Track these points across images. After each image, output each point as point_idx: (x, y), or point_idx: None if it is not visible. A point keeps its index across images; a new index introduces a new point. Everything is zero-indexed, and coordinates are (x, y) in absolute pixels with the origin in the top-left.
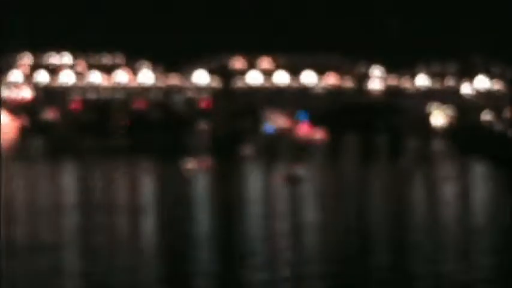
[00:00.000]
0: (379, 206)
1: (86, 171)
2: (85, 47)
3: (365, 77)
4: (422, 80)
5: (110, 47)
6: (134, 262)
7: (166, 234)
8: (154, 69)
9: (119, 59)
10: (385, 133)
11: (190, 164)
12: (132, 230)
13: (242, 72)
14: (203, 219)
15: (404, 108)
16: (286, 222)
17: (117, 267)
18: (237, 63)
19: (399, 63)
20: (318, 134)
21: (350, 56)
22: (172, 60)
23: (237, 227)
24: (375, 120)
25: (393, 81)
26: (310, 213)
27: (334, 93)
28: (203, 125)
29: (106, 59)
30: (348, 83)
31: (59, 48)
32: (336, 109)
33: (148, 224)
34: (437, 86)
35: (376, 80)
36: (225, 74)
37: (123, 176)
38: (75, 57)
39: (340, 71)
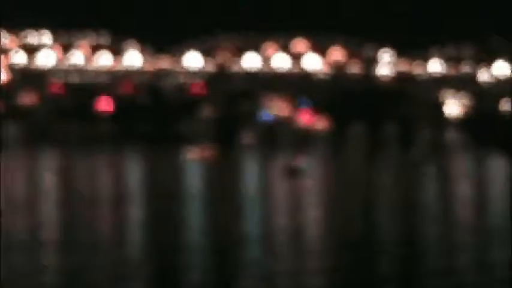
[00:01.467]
0: (386, 207)
1: (66, 161)
2: (67, 26)
3: (373, 61)
4: (435, 65)
5: (93, 26)
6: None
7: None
8: (142, 51)
9: (103, 39)
10: (394, 123)
11: (192, 154)
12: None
13: (238, 55)
14: (194, 215)
15: (416, 96)
16: (281, 221)
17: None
18: (233, 45)
19: (410, 47)
20: (321, 123)
21: (356, 37)
22: (161, 41)
23: (233, 226)
24: (383, 109)
25: (403, 66)
26: (309, 212)
27: (338, 78)
28: (201, 112)
29: (89, 39)
30: (354, 68)
31: (37, 27)
32: (340, 96)
33: (131, 222)
34: (452, 71)
35: (385, 64)
36: (220, 56)
37: (107, 168)
38: (55, 36)
39: (345, 54)
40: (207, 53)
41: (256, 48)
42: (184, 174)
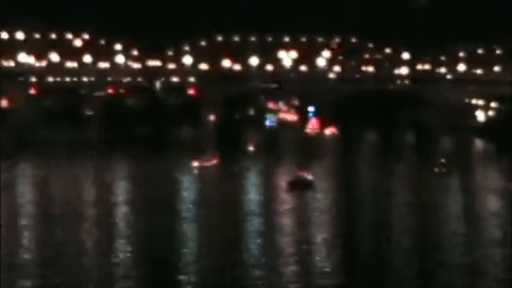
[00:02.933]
0: (406, 228)
1: (48, 171)
2: (49, 23)
3: (388, 61)
4: (458, 66)
5: (77, 23)
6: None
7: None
8: (132, 49)
9: (90, 36)
10: (411, 129)
11: (196, 162)
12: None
13: (238, 54)
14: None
15: (436, 99)
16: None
17: None
18: (232, 42)
19: (430, 45)
20: (329, 129)
21: (370, 36)
22: (153, 39)
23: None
24: (398, 113)
25: (422, 66)
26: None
27: (350, 80)
28: (199, 116)
29: (75, 37)
30: (368, 68)
31: (18, 23)
32: (351, 99)
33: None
34: (477, 72)
35: (402, 64)
36: (215, 55)
37: (92, 180)
38: (37, 34)
39: (358, 54)
40: (204, 53)
41: (259, 47)
42: (180, 187)
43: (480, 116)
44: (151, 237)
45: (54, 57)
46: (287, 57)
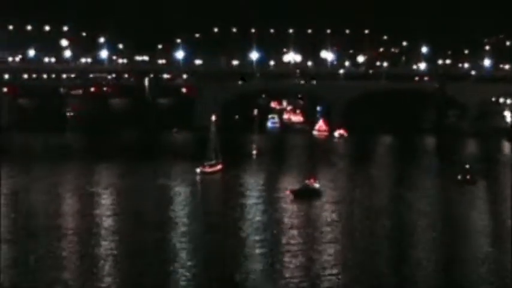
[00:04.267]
0: (425, 245)
1: (25, 182)
2: (27, 16)
3: (406, 56)
4: (485, 61)
5: (56, 15)
6: None
7: None
8: (118, 43)
9: (70, 30)
10: (431, 131)
11: (199, 168)
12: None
13: (237, 50)
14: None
15: (458, 98)
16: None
17: None
18: (231, 37)
19: (451, 38)
20: (338, 131)
21: (387, 30)
22: (143, 34)
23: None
24: (417, 114)
25: (443, 61)
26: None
27: (362, 77)
28: (195, 118)
29: (54, 31)
30: (383, 65)
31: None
32: (364, 98)
33: None
34: (505, 68)
35: (422, 60)
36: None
37: (73, 191)
38: (14, 28)
39: (373, 50)
40: (200, 50)
41: (262, 43)
42: (172, 198)
43: (508, 116)
44: (137, 258)
45: (31, 52)
46: (292, 52)
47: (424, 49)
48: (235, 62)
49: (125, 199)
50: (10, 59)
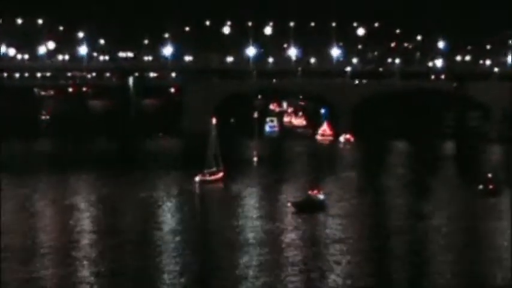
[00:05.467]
0: (444, 265)
1: None
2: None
3: (421, 52)
4: (508, 58)
5: (30, 7)
6: None
7: None
8: (100, 39)
9: (45, 24)
10: (449, 136)
11: (198, 177)
12: None
13: (232, 45)
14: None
15: (479, 99)
16: None
17: None
18: (226, 31)
19: (471, 32)
20: (344, 136)
21: (399, 23)
22: (127, 28)
23: None
24: (434, 117)
25: (462, 57)
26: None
27: (372, 75)
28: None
29: (27, 25)
30: (395, 62)
31: None
32: (374, 100)
33: None
34: None
35: (439, 56)
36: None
37: (47, 204)
38: None
39: (384, 45)
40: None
41: (259, 38)
42: (158, 212)
43: None
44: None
45: (2, 48)
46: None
47: (441, 44)
48: (229, 59)
49: (104, 216)
50: None
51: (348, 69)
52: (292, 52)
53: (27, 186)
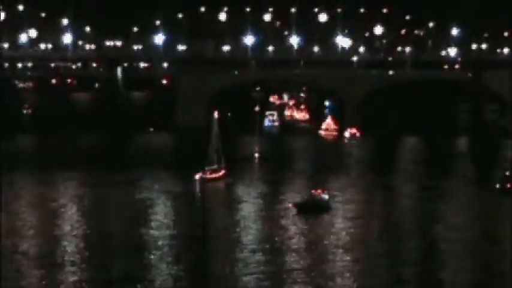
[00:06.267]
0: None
1: None
2: None
3: (433, 40)
4: None
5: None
6: None
7: None
8: (85, 27)
9: (26, 10)
10: (464, 131)
11: (199, 175)
12: None
13: (229, 33)
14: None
15: (497, 91)
16: None
17: None
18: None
19: (489, 19)
20: (350, 130)
21: (410, 8)
22: (115, 15)
23: None
24: (448, 110)
25: (478, 46)
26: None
27: (381, 65)
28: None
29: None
30: (406, 51)
31: None
32: (383, 91)
33: None
34: None
35: (453, 44)
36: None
37: (28, 205)
38: None
39: (393, 32)
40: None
41: (258, 25)
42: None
43: None
44: None
45: None
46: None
47: (455, 31)
48: (225, 48)
49: (94, 219)
50: None
51: (355, 58)
52: (294, 40)
53: (7, 186)
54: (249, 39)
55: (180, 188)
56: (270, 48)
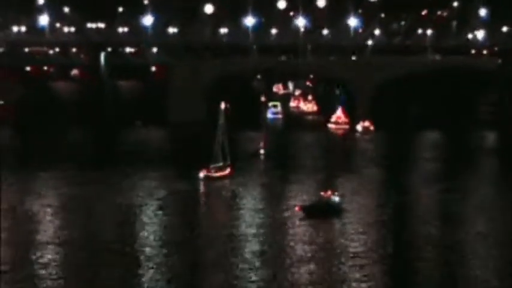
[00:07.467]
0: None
1: None
2: None
3: (458, 22)
4: None
5: None
6: None
7: None
8: (64, 7)
9: None
10: (493, 124)
11: (203, 173)
12: None
13: (227, 14)
14: None
15: None
16: None
17: None
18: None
19: None
20: (362, 124)
21: None
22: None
23: None
24: (474, 101)
25: (507, 28)
26: None
27: (398, 51)
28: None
29: None
30: (426, 34)
31: None
32: (400, 80)
33: None
34: None
35: (480, 27)
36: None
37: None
38: None
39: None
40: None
41: (260, 5)
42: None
43: None
44: None
45: None
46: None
47: (483, 12)
48: (223, 31)
49: (78, 224)
50: None
51: (369, 43)
52: (300, 22)
53: None
54: (249, 21)
55: (183, 186)
56: (273, 31)
